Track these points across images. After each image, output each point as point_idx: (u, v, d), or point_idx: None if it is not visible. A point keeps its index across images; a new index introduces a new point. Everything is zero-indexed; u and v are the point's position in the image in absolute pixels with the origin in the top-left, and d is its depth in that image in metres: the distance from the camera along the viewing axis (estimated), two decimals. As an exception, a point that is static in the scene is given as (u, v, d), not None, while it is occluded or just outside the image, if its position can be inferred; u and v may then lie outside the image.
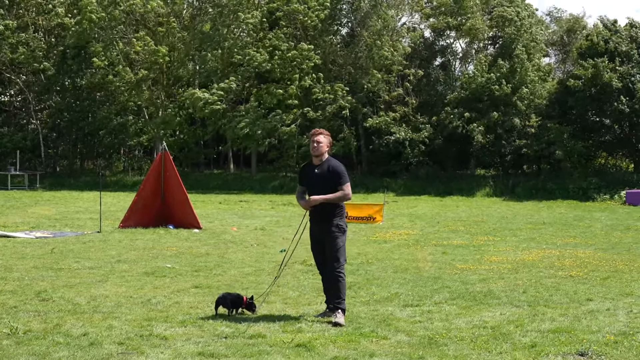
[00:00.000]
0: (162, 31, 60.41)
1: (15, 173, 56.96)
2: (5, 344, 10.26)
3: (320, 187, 12.37)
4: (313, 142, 12.53)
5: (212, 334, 10.86)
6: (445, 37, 65.89)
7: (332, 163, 12.54)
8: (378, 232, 26.77)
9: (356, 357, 9.61)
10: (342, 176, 12.37)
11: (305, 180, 12.73)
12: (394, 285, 15.33)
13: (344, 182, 12.37)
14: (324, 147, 12.53)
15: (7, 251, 21.07)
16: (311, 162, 12.73)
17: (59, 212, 35.86)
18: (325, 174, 12.42)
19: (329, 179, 12.36)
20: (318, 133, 12.64)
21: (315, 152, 12.51)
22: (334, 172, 12.39)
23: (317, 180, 12.46)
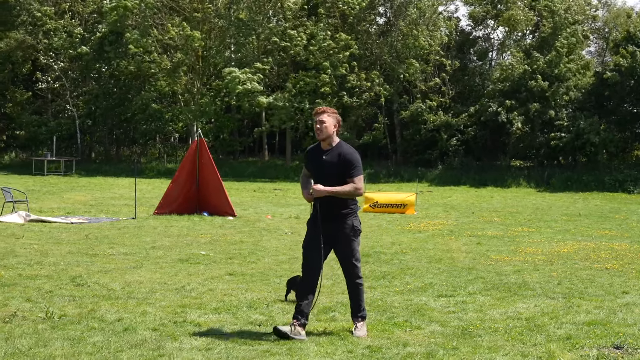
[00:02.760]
0: (198, 17, 60.47)
1: (51, 159, 57.40)
2: (41, 328, 10.32)
3: (328, 176, 10.50)
4: (316, 123, 10.63)
5: (245, 321, 10.87)
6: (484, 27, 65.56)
7: (345, 149, 10.59)
8: (412, 222, 26.71)
9: (389, 347, 9.58)
10: (355, 166, 10.47)
11: (312, 165, 10.84)
12: (428, 275, 15.28)
13: (357, 173, 10.47)
14: (330, 128, 10.54)
15: (43, 236, 21.21)
16: (319, 145, 10.78)
17: (95, 198, 36.06)
18: (335, 161, 10.50)
19: (339, 168, 10.47)
20: (321, 112, 10.69)
21: (320, 135, 10.58)
22: (346, 160, 10.47)
23: (325, 168, 10.56)
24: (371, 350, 9.39)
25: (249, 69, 57.30)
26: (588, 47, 69.39)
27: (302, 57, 58.92)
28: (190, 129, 62.05)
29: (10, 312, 11.21)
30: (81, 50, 61.25)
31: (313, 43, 58.36)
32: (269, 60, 58.83)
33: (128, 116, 63.56)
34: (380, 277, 14.86)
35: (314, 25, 59.29)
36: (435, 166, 57.40)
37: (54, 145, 61.10)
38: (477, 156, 58.86)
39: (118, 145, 69.38)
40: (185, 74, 61.55)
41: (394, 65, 59.62)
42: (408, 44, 58.76)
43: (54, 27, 62.25)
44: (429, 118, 58.42)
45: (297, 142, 65.02)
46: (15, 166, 61.23)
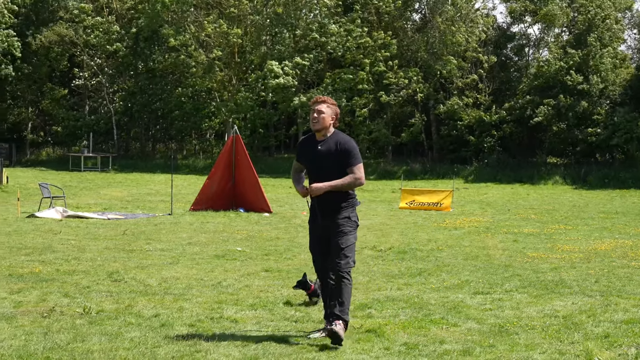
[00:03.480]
0: (234, 12, 60.57)
1: (88, 155, 57.79)
2: (79, 323, 10.38)
3: (324, 167, 9.96)
4: (313, 112, 10.06)
5: (282, 318, 10.88)
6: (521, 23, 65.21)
7: (341, 138, 10.08)
8: (448, 219, 26.65)
9: (426, 344, 9.55)
10: (354, 155, 9.93)
11: (306, 158, 10.26)
12: (464, 272, 15.23)
13: (355, 162, 9.92)
14: (327, 119, 10.02)
15: (81, 232, 21.36)
16: (313, 136, 10.24)
17: (131, 194, 36.27)
18: (331, 151, 9.95)
19: (337, 157, 9.92)
20: (320, 101, 10.13)
21: (316, 125, 10.03)
22: (344, 149, 9.93)
23: (321, 159, 9.99)
24: (408, 347, 9.37)
25: (288, 63, 57.35)
26: (625, 42, 68.66)
27: (339, 53, 58.92)
28: (226, 125, 62.18)
29: (49, 307, 11.29)
30: (117, 46, 61.58)
31: (349, 39, 58.36)
32: (310, 56, 58.82)
33: (164, 112, 63.85)
34: (417, 274, 14.83)
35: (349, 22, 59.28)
36: (471, 163, 57.20)
37: (90, 142, 61.47)
38: (513, 153, 58.58)
39: (154, 141, 69.65)
40: (221, 69, 61.69)
41: (430, 62, 59.46)
42: (445, 41, 58.60)
43: (92, 23, 62.57)
44: (465, 115, 58.27)
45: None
46: (53, 162, 61.64)
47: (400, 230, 23.09)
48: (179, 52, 60.23)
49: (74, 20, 63.47)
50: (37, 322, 10.32)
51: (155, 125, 67.48)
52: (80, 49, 64.18)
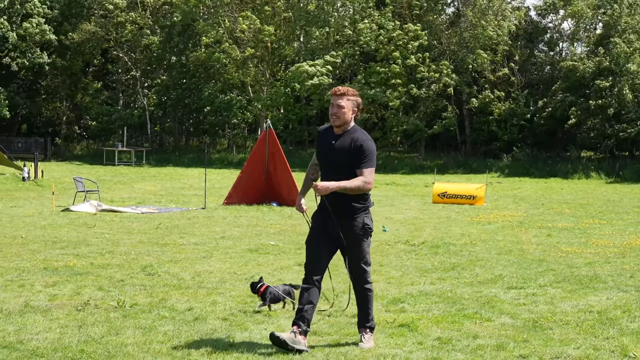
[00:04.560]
0: (268, 10, 60.68)
1: (122, 149, 58.06)
2: (113, 316, 10.44)
3: (335, 164, 9.27)
4: (332, 106, 9.32)
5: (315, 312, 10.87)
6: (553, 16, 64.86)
7: (358, 136, 9.28)
8: (481, 213, 26.56)
9: (459, 339, 9.53)
10: (367, 157, 9.18)
11: (320, 151, 9.56)
12: (498, 267, 15.17)
13: (368, 165, 9.18)
14: (348, 114, 9.27)
15: (115, 226, 21.46)
16: (332, 128, 9.46)
17: (164, 188, 36.40)
18: (346, 148, 9.21)
19: (349, 156, 9.18)
20: (340, 93, 9.32)
21: (336, 121, 9.29)
22: (359, 148, 9.19)
23: (334, 154, 9.28)
24: (441, 342, 9.35)
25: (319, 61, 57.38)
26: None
27: (372, 48, 58.88)
28: (259, 120, 62.30)
29: (83, 300, 11.36)
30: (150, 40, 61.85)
31: (382, 33, 58.30)
32: (339, 53, 58.82)
33: (197, 107, 64.05)
34: (450, 269, 14.79)
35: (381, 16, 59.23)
36: (504, 157, 56.98)
37: (124, 136, 61.77)
38: (546, 147, 58.32)
39: (187, 135, 69.89)
40: (255, 65, 61.81)
41: (462, 55, 59.29)
42: (477, 34, 58.40)
43: (125, 19, 62.87)
44: (497, 108, 58.08)
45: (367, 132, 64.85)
46: (87, 156, 62.05)
47: (434, 225, 23.04)
48: (213, 48, 60.40)
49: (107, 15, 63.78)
50: (72, 315, 10.38)
51: (188, 119, 67.71)
52: (115, 44, 64.50)
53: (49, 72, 65.54)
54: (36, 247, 16.97)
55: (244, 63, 60.53)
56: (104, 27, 63.73)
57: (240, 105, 63.80)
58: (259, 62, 62.56)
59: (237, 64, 60.85)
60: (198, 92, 63.84)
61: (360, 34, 58.63)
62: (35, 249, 16.58)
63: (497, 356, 8.83)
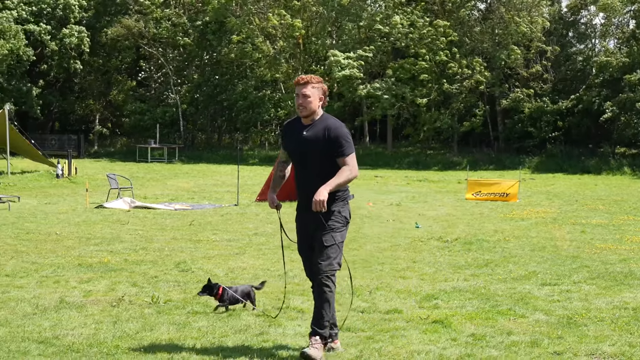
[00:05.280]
0: (298, 5, 60.71)
1: (155, 146, 58.32)
2: (147, 312, 10.48)
3: (308, 154, 8.70)
4: (298, 97, 8.72)
5: (348, 308, 10.88)
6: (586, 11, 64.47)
7: (331, 123, 8.64)
8: (515, 210, 26.45)
9: (493, 335, 9.50)
10: (345, 143, 8.53)
11: (289, 145, 8.97)
12: (532, 263, 15.11)
13: (348, 151, 8.54)
14: (314, 103, 8.66)
15: (148, 222, 21.56)
16: (299, 119, 8.88)
17: (197, 184, 36.51)
18: (319, 137, 8.59)
19: (325, 146, 8.55)
20: (303, 82, 8.70)
21: (303, 112, 8.70)
22: (333, 136, 8.53)
23: (307, 144, 8.67)
24: (475, 338, 9.33)
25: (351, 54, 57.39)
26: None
27: (402, 44, 58.81)
28: (291, 116, 62.32)
29: (118, 296, 11.42)
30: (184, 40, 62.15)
31: (412, 30, 58.19)
32: (371, 48, 58.80)
33: (229, 103, 64.19)
34: (483, 265, 14.75)
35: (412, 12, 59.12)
36: (537, 153, 56.75)
37: (157, 133, 61.99)
38: (580, 143, 58.00)
39: (220, 132, 70.05)
40: (287, 61, 61.87)
41: (494, 51, 59.08)
42: (509, 30, 58.16)
43: (160, 16, 63.13)
44: (529, 105, 57.82)
45: (399, 129, 64.93)
46: (120, 153, 62.37)
47: (467, 221, 22.97)
48: (244, 44, 60.51)
49: (142, 12, 64.08)
50: (107, 311, 10.44)
51: (220, 116, 67.85)
52: (148, 41, 64.76)
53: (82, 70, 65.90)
54: (70, 243, 17.09)
55: (275, 59, 60.61)
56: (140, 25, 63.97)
57: (272, 102, 63.90)
58: (290, 58, 62.62)
59: (268, 60, 60.95)
60: (230, 88, 63.97)
61: (392, 29, 58.52)
62: (69, 246, 16.69)
63: (531, 353, 8.79)
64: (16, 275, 13.16)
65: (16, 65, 60.21)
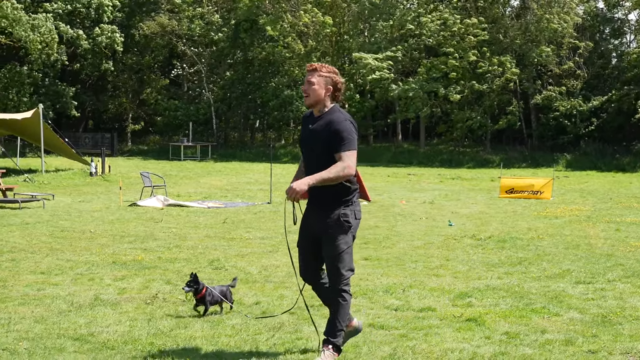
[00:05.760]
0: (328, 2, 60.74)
1: (188, 144, 58.52)
2: (181, 310, 10.52)
3: (312, 150, 8.29)
4: (304, 84, 8.34)
5: (381, 306, 10.87)
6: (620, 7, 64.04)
7: (335, 117, 8.15)
8: (548, 208, 26.34)
9: (527, 333, 9.47)
10: (344, 139, 8.00)
11: (301, 137, 8.63)
12: (566, 261, 15.04)
13: (346, 148, 8.00)
14: (319, 91, 8.21)
15: (181, 220, 21.64)
16: (313, 112, 8.45)
17: (230, 182, 36.59)
18: (322, 131, 8.14)
19: (326, 140, 8.09)
20: (311, 69, 8.35)
21: (307, 99, 8.30)
22: (334, 130, 8.05)
23: (312, 139, 8.28)
24: (509, 337, 9.30)
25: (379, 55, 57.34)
26: None
27: (434, 42, 58.69)
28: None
29: (152, 294, 11.48)
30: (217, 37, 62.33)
31: (444, 29, 58.05)
32: (399, 47, 58.70)
33: (262, 101, 64.30)
34: (517, 263, 14.69)
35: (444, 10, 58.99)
36: (570, 151, 56.45)
37: (190, 131, 62.20)
38: (614, 141, 57.61)
39: (252, 130, 70.19)
40: (319, 59, 61.88)
41: (526, 49, 58.81)
42: (542, 27, 57.88)
43: (193, 14, 63.37)
44: (562, 102, 57.51)
45: (432, 127, 64.83)
46: (153, 151, 62.63)
47: (500, 219, 22.90)
48: (277, 42, 60.61)
49: (174, 10, 64.35)
50: (141, 309, 10.49)
51: (253, 114, 67.98)
52: (181, 39, 65.02)
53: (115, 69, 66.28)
54: (105, 241, 17.19)
55: (307, 57, 60.67)
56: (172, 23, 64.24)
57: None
58: (322, 56, 62.63)
59: (300, 58, 61.02)
60: (263, 86, 64.08)
61: (423, 28, 58.41)
62: (103, 243, 16.79)
63: (565, 351, 8.76)
64: (51, 273, 13.26)
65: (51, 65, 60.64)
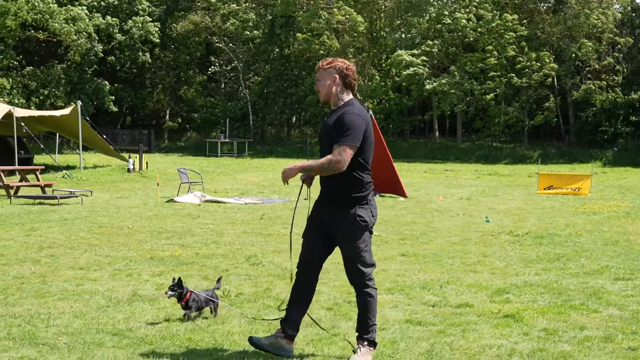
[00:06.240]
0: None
1: (224, 140, 58.65)
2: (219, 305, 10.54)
3: (326, 144, 8.11)
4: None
5: (419, 302, 10.85)
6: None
7: (345, 110, 7.97)
8: (586, 204, 26.17)
9: (566, 330, 9.41)
10: (344, 132, 7.80)
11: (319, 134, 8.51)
12: (604, 257, 14.93)
13: (342, 141, 7.79)
14: (326, 86, 8.11)
15: (218, 216, 21.69)
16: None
17: (267, 179, 36.65)
18: (332, 125, 8.00)
19: (333, 133, 7.95)
20: (318, 68, 8.26)
21: (321, 97, 8.27)
22: (339, 123, 7.88)
23: (323, 134, 8.25)
24: (547, 333, 9.25)
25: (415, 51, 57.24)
26: None
27: (471, 38, 58.51)
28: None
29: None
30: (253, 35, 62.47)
31: (481, 25, 57.84)
32: (435, 42, 58.55)
33: (298, 98, 64.35)
34: (555, 259, 14.61)
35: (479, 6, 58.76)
36: (609, 147, 56.07)
37: (227, 127, 62.37)
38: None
39: (289, 126, 70.26)
40: (354, 55, 61.85)
41: (564, 44, 58.45)
42: (580, 22, 57.51)
43: (229, 11, 63.53)
44: (601, 98, 57.12)
45: (469, 123, 64.63)
46: (190, 148, 62.86)
47: (537, 215, 22.79)
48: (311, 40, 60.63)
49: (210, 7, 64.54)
50: (178, 305, 10.50)
51: (290, 110, 68.05)
52: (217, 36, 65.21)
53: (153, 65, 66.61)
54: (142, 237, 17.26)
55: (343, 53, 60.63)
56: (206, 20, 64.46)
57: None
58: (358, 53, 62.59)
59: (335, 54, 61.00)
60: (299, 83, 64.14)
61: (458, 24, 58.23)
62: (141, 239, 16.86)
63: (604, 348, 8.70)
64: (90, 269, 13.34)
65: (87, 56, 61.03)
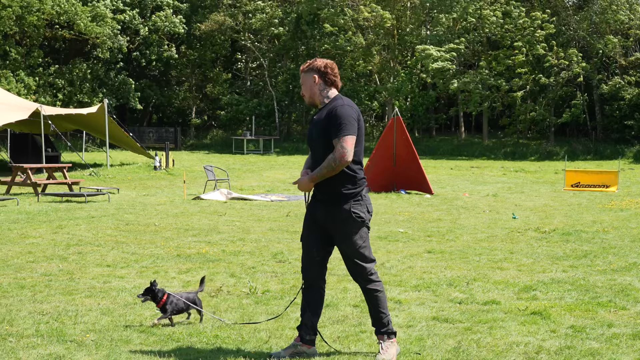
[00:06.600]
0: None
1: (250, 138, 58.73)
2: (245, 302, 10.57)
3: (315, 143, 8.13)
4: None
5: (446, 299, 10.83)
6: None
7: (333, 104, 8.02)
8: (614, 200, 26.05)
9: (593, 327, 9.37)
10: (340, 124, 7.81)
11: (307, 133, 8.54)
12: (632, 254, 14.85)
13: (343, 133, 7.78)
14: (309, 88, 8.22)
15: (245, 213, 21.73)
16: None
17: (293, 176, 36.64)
18: (321, 122, 8.03)
19: (324, 130, 7.96)
20: (300, 70, 8.35)
21: (305, 100, 8.42)
22: (331, 117, 7.90)
23: (312, 131, 8.24)
24: (575, 330, 9.22)
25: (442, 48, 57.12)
26: None
27: (498, 36, 58.37)
28: (386, 107, 62.33)
29: (216, 287, 11.53)
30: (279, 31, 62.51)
31: (508, 21, 57.66)
32: (462, 40, 58.43)
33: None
34: (582, 256, 14.55)
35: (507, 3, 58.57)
36: (637, 143, 55.77)
37: (253, 125, 62.46)
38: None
39: (315, 124, 70.32)
40: (379, 53, 61.80)
41: (591, 40, 58.19)
42: (607, 19, 57.23)
43: (254, 8, 63.62)
44: (628, 94, 56.82)
45: (495, 119, 64.47)
46: (217, 145, 62.98)
47: (564, 212, 22.70)
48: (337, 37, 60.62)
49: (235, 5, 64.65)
50: (205, 302, 10.51)
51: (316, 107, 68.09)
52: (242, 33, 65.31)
53: (178, 63, 66.80)
54: (169, 234, 17.32)
55: (368, 50, 60.61)
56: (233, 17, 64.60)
57: (367, 93, 63.91)
58: (383, 50, 62.54)
59: (361, 52, 60.97)
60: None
61: (485, 21, 58.09)
62: (168, 237, 16.91)
63: (633, 345, 8.66)
64: (117, 266, 13.39)
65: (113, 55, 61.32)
